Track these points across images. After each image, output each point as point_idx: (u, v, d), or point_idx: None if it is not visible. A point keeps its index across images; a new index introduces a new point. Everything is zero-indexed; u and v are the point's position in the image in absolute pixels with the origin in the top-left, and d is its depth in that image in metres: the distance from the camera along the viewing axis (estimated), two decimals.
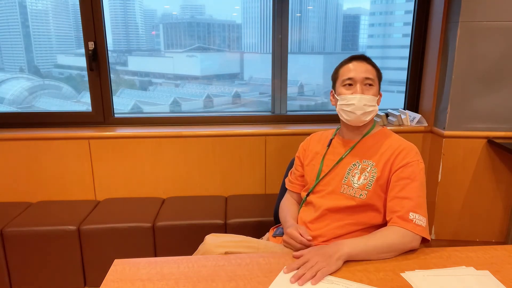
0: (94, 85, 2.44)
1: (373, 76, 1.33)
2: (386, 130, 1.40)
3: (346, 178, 1.33)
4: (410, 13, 2.55)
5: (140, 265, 1.12)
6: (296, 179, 1.53)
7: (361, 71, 1.32)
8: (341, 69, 1.38)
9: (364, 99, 1.30)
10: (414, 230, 1.16)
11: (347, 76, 1.33)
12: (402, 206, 1.21)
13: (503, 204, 2.42)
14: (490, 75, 2.25)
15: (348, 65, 1.35)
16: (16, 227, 2.02)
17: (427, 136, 2.50)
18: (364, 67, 1.33)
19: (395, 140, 1.33)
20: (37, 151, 2.36)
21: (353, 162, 1.34)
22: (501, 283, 1.01)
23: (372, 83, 1.32)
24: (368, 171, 1.30)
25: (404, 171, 1.25)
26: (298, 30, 2.67)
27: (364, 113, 1.31)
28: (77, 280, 2.09)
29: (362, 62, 1.34)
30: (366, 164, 1.32)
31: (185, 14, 2.72)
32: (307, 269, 1.02)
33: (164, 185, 2.46)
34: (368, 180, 1.29)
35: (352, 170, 1.33)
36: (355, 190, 1.30)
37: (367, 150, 1.34)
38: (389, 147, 1.31)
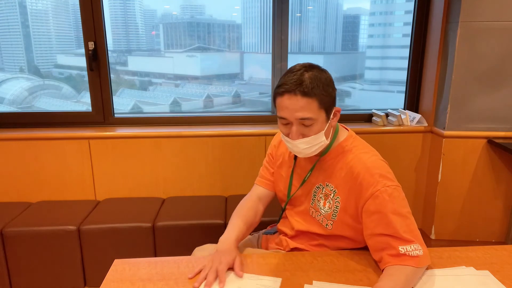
0: (94, 85, 2.44)
1: (311, 114, 1.04)
2: (350, 138, 1.19)
3: (313, 202, 1.21)
4: (410, 13, 2.55)
5: (140, 265, 1.12)
6: (271, 175, 1.36)
7: (294, 110, 1.04)
8: (276, 100, 1.10)
9: (302, 143, 1.08)
10: (407, 262, 1.00)
11: (281, 114, 1.08)
12: (387, 243, 1.03)
13: (503, 204, 2.42)
14: (490, 75, 2.25)
15: (281, 100, 1.06)
16: (16, 227, 2.02)
17: (427, 136, 2.50)
18: (300, 104, 1.03)
19: (357, 157, 1.12)
20: (37, 151, 2.35)
21: (316, 184, 1.20)
22: (501, 283, 1.01)
23: (312, 121, 1.05)
24: (332, 199, 1.16)
25: (372, 204, 1.05)
26: (298, 30, 2.67)
27: (307, 154, 1.12)
28: (77, 280, 2.09)
29: (297, 97, 1.03)
30: (328, 189, 1.17)
31: (185, 14, 2.72)
32: None
33: (164, 185, 2.46)
34: (333, 210, 1.16)
35: (317, 193, 1.20)
36: (322, 218, 1.19)
37: (326, 170, 1.18)
38: (349, 170, 1.11)
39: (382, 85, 2.98)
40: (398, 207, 1.04)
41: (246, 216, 1.24)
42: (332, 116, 1.11)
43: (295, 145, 1.09)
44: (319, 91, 1.04)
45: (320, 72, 1.08)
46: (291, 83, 1.04)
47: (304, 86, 1.03)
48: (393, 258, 1.02)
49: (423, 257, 1.02)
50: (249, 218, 1.25)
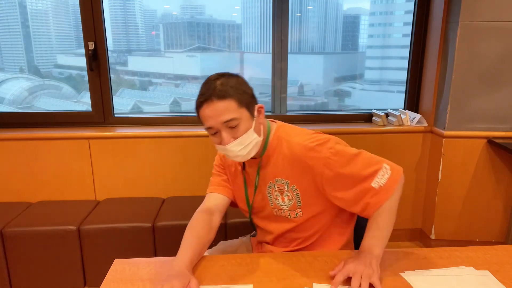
0: (94, 85, 2.44)
1: (233, 114, 1.06)
2: (279, 130, 1.20)
3: (271, 202, 1.22)
4: (410, 13, 2.55)
5: (140, 265, 1.12)
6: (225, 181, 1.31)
7: (216, 116, 1.06)
8: (199, 114, 1.11)
9: (235, 145, 1.09)
10: (388, 193, 1.09)
11: (206, 125, 1.10)
12: (360, 190, 1.10)
13: (503, 204, 2.42)
14: (490, 75, 2.25)
15: (202, 112, 1.08)
16: (16, 227, 2.02)
17: (427, 136, 2.50)
18: (219, 109, 1.05)
19: (291, 143, 1.15)
20: (37, 151, 2.35)
21: (267, 185, 1.20)
22: (501, 283, 1.01)
23: (237, 121, 1.07)
24: (288, 190, 1.17)
25: (328, 172, 1.11)
26: (298, 30, 2.67)
27: (243, 155, 1.12)
28: (77, 280, 2.09)
29: (214, 103, 1.05)
30: (281, 184, 1.18)
31: (185, 14, 2.72)
32: (359, 280, 0.95)
33: (164, 185, 2.46)
34: (295, 199, 1.18)
35: (271, 192, 1.20)
36: (288, 212, 1.20)
37: (272, 167, 1.18)
38: (291, 157, 1.14)
39: (382, 85, 2.98)
40: (345, 156, 1.11)
41: (199, 236, 1.16)
42: (257, 114, 1.14)
43: (229, 150, 1.10)
44: (233, 91, 1.07)
45: (230, 77, 1.11)
46: (206, 93, 1.07)
47: (217, 91, 1.06)
48: (375, 198, 1.09)
49: (394, 172, 1.12)
50: (202, 239, 1.16)
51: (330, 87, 2.97)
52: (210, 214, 1.22)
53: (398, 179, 1.12)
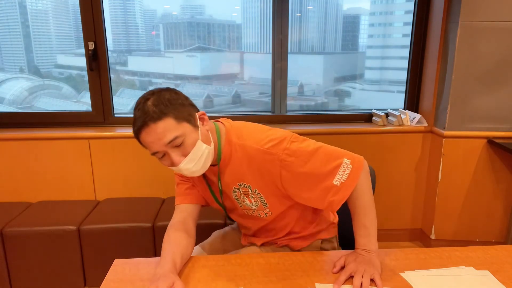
0: (94, 85, 2.44)
1: (174, 132, 1.00)
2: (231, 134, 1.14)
3: (240, 204, 1.21)
4: (410, 13, 2.55)
5: (140, 265, 1.12)
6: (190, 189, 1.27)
7: (157, 139, 1.00)
8: (140, 140, 1.05)
9: (187, 163, 1.04)
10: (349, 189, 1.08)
11: (152, 151, 1.04)
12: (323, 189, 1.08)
13: (503, 204, 2.42)
14: (490, 75, 2.25)
15: (142, 139, 1.03)
16: (16, 227, 2.02)
17: (427, 136, 2.50)
18: (158, 131, 1.00)
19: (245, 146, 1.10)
20: (37, 151, 2.35)
21: (231, 190, 1.18)
22: (501, 283, 1.01)
23: (181, 139, 1.02)
24: (252, 193, 1.15)
25: (286, 173, 1.08)
26: (298, 30, 2.67)
27: (199, 169, 1.08)
28: (77, 280, 2.09)
29: (150, 127, 0.99)
30: (244, 188, 1.16)
31: (185, 14, 2.72)
32: (361, 279, 0.98)
33: (164, 185, 2.46)
34: (260, 201, 1.17)
35: (237, 195, 1.19)
36: (257, 212, 1.20)
37: (232, 172, 1.15)
38: (248, 161, 1.11)
39: (382, 85, 2.98)
40: (302, 154, 1.07)
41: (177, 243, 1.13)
42: (200, 122, 1.09)
43: (183, 169, 1.05)
44: (168, 109, 1.01)
45: (161, 92, 1.05)
46: (140, 118, 1.01)
47: (151, 112, 1.00)
48: (338, 196, 1.08)
49: (355, 165, 1.09)
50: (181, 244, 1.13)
51: (330, 87, 2.97)
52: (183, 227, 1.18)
53: (360, 172, 1.09)
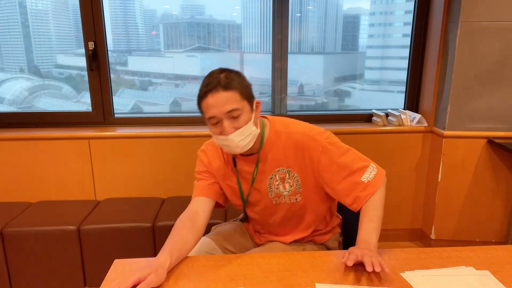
0: (94, 85, 2.44)
1: (236, 104, 1.12)
2: (275, 124, 1.27)
3: (271, 193, 1.28)
4: (410, 13, 2.55)
5: (140, 265, 1.11)
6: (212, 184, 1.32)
7: (221, 106, 1.11)
8: (201, 105, 1.15)
9: (236, 136, 1.13)
10: (375, 188, 1.19)
11: (209, 114, 1.13)
12: (352, 182, 1.20)
13: (503, 204, 2.42)
14: (490, 75, 2.25)
15: (206, 101, 1.12)
16: (16, 227, 2.02)
17: (427, 136, 2.50)
18: (224, 98, 1.11)
19: (291, 133, 1.24)
20: (37, 151, 2.35)
21: (268, 177, 1.26)
22: (501, 283, 1.01)
23: (239, 112, 1.12)
24: (290, 178, 1.25)
25: (324, 159, 1.20)
26: (298, 30, 2.67)
27: (244, 146, 1.16)
28: (77, 280, 2.09)
29: (219, 93, 1.10)
30: (282, 173, 1.25)
31: (185, 14, 2.72)
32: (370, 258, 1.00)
33: (164, 185, 2.46)
34: (295, 186, 1.26)
35: (272, 183, 1.27)
36: (288, 197, 1.27)
37: (273, 159, 1.25)
38: (293, 146, 1.23)
39: (382, 85, 2.98)
40: (340, 147, 1.22)
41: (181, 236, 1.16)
42: (255, 108, 1.20)
43: (230, 140, 1.13)
44: (237, 84, 1.13)
45: (231, 71, 1.17)
46: (210, 83, 1.12)
47: (222, 82, 1.11)
48: (364, 192, 1.18)
49: (379, 170, 1.22)
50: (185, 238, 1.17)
51: (330, 87, 2.97)
52: (194, 217, 1.23)
53: (383, 178, 1.22)
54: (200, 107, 1.16)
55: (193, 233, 1.19)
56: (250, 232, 1.50)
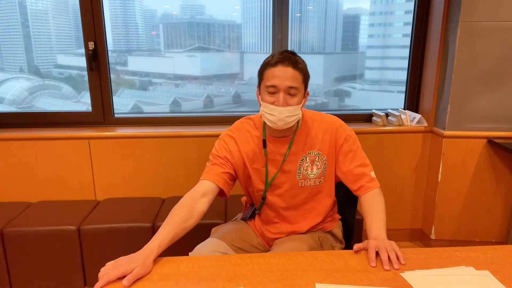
0: (94, 85, 2.44)
1: (297, 84, 1.25)
2: (307, 112, 1.42)
3: (300, 174, 1.38)
4: (410, 13, 2.55)
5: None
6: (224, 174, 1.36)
7: (285, 79, 1.23)
8: (265, 72, 1.27)
9: (286, 111, 1.25)
10: (377, 184, 1.36)
11: (271, 83, 1.24)
12: (363, 172, 1.35)
13: (503, 204, 2.42)
14: (490, 75, 2.25)
15: (273, 70, 1.24)
16: (16, 227, 2.02)
17: (427, 136, 2.50)
18: (290, 74, 1.23)
19: (322, 121, 1.40)
20: (37, 151, 2.35)
21: (300, 158, 1.37)
22: (501, 283, 1.01)
23: (296, 92, 1.25)
24: (318, 161, 1.38)
25: (346, 145, 1.37)
26: (298, 30, 2.67)
27: (285, 123, 1.27)
28: (77, 280, 2.09)
29: (288, 68, 1.23)
30: (313, 155, 1.37)
31: (185, 14, 2.72)
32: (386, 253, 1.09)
33: (164, 185, 2.46)
34: (322, 168, 1.39)
35: (302, 164, 1.37)
36: (313, 180, 1.39)
37: (306, 142, 1.37)
38: (324, 131, 1.37)
39: (382, 85, 2.98)
40: (358, 144, 1.39)
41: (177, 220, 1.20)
42: (305, 96, 1.34)
43: (280, 111, 1.24)
44: (304, 68, 1.28)
45: (300, 58, 1.31)
46: (284, 57, 1.25)
47: (294, 61, 1.25)
48: (369, 184, 1.34)
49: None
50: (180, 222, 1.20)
51: (330, 87, 2.97)
52: (199, 200, 1.27)
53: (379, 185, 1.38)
54: (263, 74, 1.28)
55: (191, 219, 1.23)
56: (257, 229, 1.51)
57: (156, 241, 1.13)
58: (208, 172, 1.35)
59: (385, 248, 1.10)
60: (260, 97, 1.33)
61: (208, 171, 1.36)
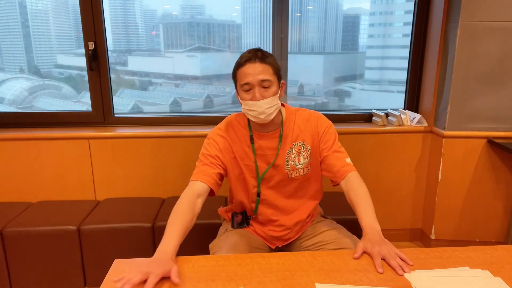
0: (94, 85, 2.44)
1: (269, 76, 1.32)
2: (288, 107, 1.49)
3: (288, 166, 1.43)
4: (410, 13, 2.55)
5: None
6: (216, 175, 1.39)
7: (256, 74, 1.30)
8: (237, 72, 1.35)
9: (264, 103, 1.31)
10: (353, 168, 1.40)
11: (244, 81, 1.32)
12: (339, 158, 1.41)
13: (503, 204, 2.42)
14: (490, 75, 2.25)
15: (244, 69, 1.32)
16: (16, 227, 2.02)
17: (427, 136, 2.50)
18: (259, 69, 1.30)
19: (303, 113, 1.47)
20: (37, 151, 2.35)
21: (287, 150, 1.42)
22: (501, 283, 1.01)
23: (269, 84, 1.32)
24: (304, 150, 1.44)
25: (326, 134, 1.43)
26: (298, 30, 2.67)
27: (267, 115, 1.33)
28: (77, 280, 2.09)
29: (256, 63, 1.30)
30: (298, 146, 1.43)
31: (185, 14, 2.72)
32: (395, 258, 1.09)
33: (164, 185, 2.46)
34: (308, 157, 1.44)
35: (289, 156, 1.43)
36: (302, 169, 1.44)
37: (291, 134, 1.43)
38: (306, 123, 1.44)
39: (382, 85, 2.98)
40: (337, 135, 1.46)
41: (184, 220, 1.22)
42: (281, 86, 1.39)
43: (259, 105, 1.31)
44: (272, 61, 1.34)
45: (267, 52, 1.37)
46: (251, 55, 1.31)
47: (260, 55, 1.31)
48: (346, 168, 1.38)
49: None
50: (187, 222, 1.23)
51: (330, 87, 2.97)
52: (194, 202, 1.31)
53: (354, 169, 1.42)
54: (236, 75, 1.36)
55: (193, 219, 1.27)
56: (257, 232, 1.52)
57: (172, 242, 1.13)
58: (200, 173, 1.39)
59: (389, 254, 1.09)
60: (239, 98, 1.39)
61: (200, 172, 1.39)
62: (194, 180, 1.37)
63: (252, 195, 1.47)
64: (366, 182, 1.37)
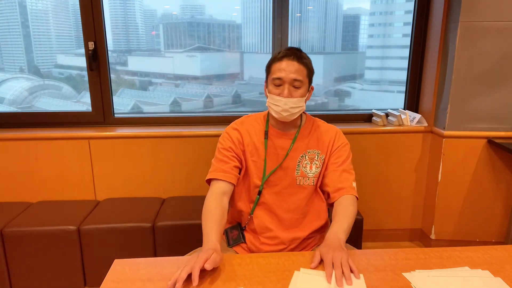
0: (94, 85, 2.44)
1: (302, 77, 1.32)
2: (310, 116, 1.49)
3: (298, 171, 1.40)
4: (410, 13, 2.55)
5: (140, 265, 1.11)
6: (232, 169, 1.37)
7: (290, 72, 1.30)
8: (272, 65, 1.35)
9: (290, 102, 1.31)
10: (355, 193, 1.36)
11: (277, 75, 1.32)
12: (347, 179, 1.37)
13: (503, 204, 2.42)
14: (490, 75, 2.25)
15: (279, 64, 1.32)
16: (16, 227, 2.02)
17: (427, 136, 2.50)
18: (295, 68, 1.31)
19: (324, 125, 1.48)
20: (37, 151, 2.35)
21: (300, 154, 1.40)
22: (501, 283, 1.01)
23: (300, 84, 1.32)
24: (317, 160, 1.41)
25: (341, 150, 1.41)
26: (298, 30, 2.67)
27: (290, 114, 1.34)
28: (77, 280, 2.09)
29: (293, 62, 1.31)
30: (312, 154, 1.41)
31: (185, 14, 2.72)
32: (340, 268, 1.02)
33: (164, 185, 2.46)
34: (320, 168, 1.42)
35: (302, 161, 1.40)
36: (312, 179, 1.41)
37: (307, 140, 1.42)
38: (325, 134, 1.44)
39: (382, 85, 2.98)
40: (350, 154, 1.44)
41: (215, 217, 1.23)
42: (310, 90, 1.39)
43: (285, 102, 1.31)
44: (308, 63, 1.35)
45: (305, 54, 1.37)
46: (290, 52, 1.32)
47: (299, 55, 1.32)
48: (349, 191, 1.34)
49: None
50: (218, 217, 1.24)
51: (330, 87, 2.97)
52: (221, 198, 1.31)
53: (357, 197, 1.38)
54: (270, 68, 1.34)
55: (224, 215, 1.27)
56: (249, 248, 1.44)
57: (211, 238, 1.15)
58: (215, 171, 1.37)
59: (338, 262, 1.02)
60: (267, 90, 1.38)
61: (215, 170, 1.38)
62: (211, 178, 1.36)
63: (253, 195, 1.42)
64: (366, 182, 1.38)
